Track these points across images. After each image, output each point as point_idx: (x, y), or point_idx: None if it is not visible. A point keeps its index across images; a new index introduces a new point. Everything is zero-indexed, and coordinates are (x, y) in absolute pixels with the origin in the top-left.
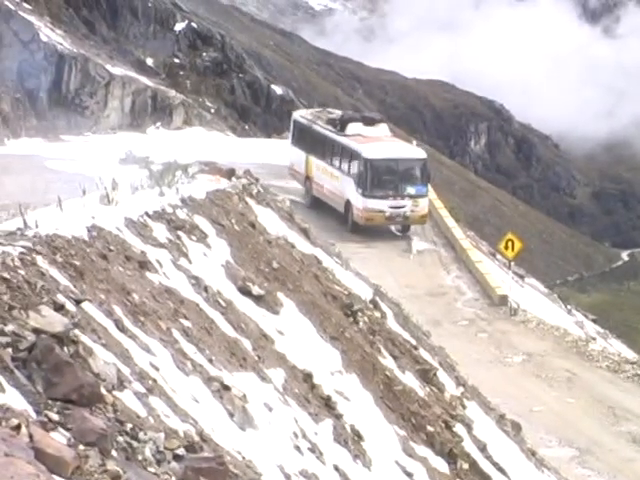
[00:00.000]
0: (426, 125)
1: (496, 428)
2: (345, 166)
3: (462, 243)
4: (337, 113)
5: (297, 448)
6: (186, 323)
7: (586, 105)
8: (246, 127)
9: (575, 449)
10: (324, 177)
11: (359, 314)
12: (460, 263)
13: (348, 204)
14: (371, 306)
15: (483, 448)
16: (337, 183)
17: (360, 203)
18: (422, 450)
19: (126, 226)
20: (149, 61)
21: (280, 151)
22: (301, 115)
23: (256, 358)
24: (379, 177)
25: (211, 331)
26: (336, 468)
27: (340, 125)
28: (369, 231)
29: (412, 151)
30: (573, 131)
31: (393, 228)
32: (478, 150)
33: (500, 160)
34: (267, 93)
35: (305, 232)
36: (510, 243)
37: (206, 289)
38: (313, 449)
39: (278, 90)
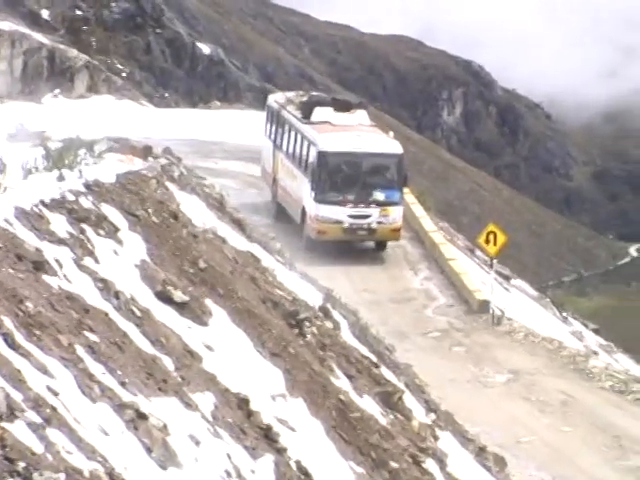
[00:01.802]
0: (387, 91)
1: (475, 463)
2: (304, 162)
3: (433, 237)
4: (318, 97)
5: None
6: (92, 337)
7: (585, 65)
8: (166, 95)
9: None
10: (287, 178)
11: (306, 324)
12: (430, 261)
13: (304, 213)
14: (321, 315)
15: None
16: (296, 185)
17: (312, 210)
18: None
19: (17, 218)
20: (45, 13)
21: (208, 124)
22: (275, 99)
23: (179, 380)
24: (336, 176)
25: (123, 347)
26: None
27: (305, 110)
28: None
29: (383, 144)
30: (569, 98)
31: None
32: (452, 122)
33: (479, 134)
34: (191, 53)
35: (239, 224)
36: (492, 236)
37: (117, 295)
38: None
39: (205, 49)
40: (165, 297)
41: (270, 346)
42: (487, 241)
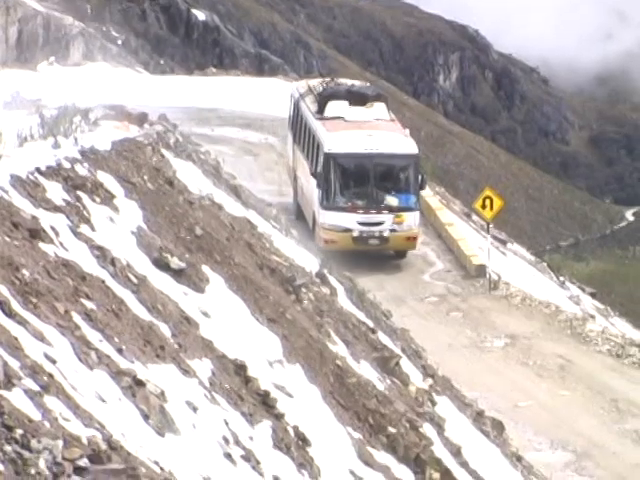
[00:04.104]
0: (384, 57)
1: (473, 428)
2: (314, 163)
3: (429, 202)
4: (342, 85)
5: (228, 456)
6: (89, 305)
7: (578, 29)
8: (161, 62)
9: (570, 452)
10: (303, 177)
11: (303, 290)
12: (427, 226)
13: (314, 218)
14: (318, 280)
15: (457, 453)
16: (310, 186)
17: (319, 217)
18: (382, 456)
19: (12, 185)
20: None
21: (204, 91)
22: (297, 87)
23: (176, 346)
24: (344, 180)
25: (120, 314)
26: None
27: (320, 103)
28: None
29: (397, 144)
30: (563, 61)
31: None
32: (448, 87)
33: (476, 99)
34: (187, 20)
35: (235, 190)
36: (488, 201)
37: (113, 262)
38: (248, 457)
39: (200, 16)
40: (162, 264)
41: (267, 312)
42: (483, 206)
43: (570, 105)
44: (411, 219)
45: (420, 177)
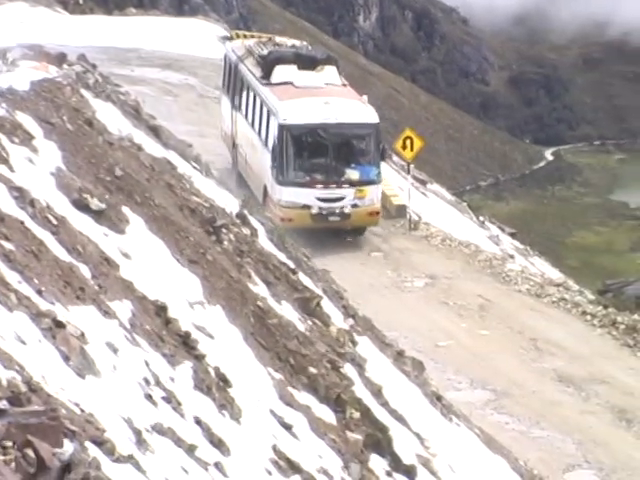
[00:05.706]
0: None
1: (394, 368)
2: (264, 132)
3: None
4: (283, 46)
5: (149, 397)
6: (8, 246)
7: None
8: (80, 1)
9: (490, 391)
10: (247, 146)
11: (223, 231)
12: None
13: (265, 192)
14: (238, 221)
15: (378, 393)
16: (257, 157)
17: (275, 193)
18: (303, 397)
19: None
20: None
21: (124, 31)
22: (233, 49)
23: (96, 288)
24: (301, 153)
25: (40, 255)
26: (197, 421)
27: (264, 68)
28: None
29: (356, 113)
30: (483, 1)
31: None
32: (368, 27)
33: (396, 39)
34: None
35: (155, 131)
36: (408, 141)
37: (32, 203)
38: (169, 398)
39: None
40: (81, 205)
41: (188, 253)
42: (404, 146)
43: (490, 45)
44: (373, 193)
45: (381, 147)
